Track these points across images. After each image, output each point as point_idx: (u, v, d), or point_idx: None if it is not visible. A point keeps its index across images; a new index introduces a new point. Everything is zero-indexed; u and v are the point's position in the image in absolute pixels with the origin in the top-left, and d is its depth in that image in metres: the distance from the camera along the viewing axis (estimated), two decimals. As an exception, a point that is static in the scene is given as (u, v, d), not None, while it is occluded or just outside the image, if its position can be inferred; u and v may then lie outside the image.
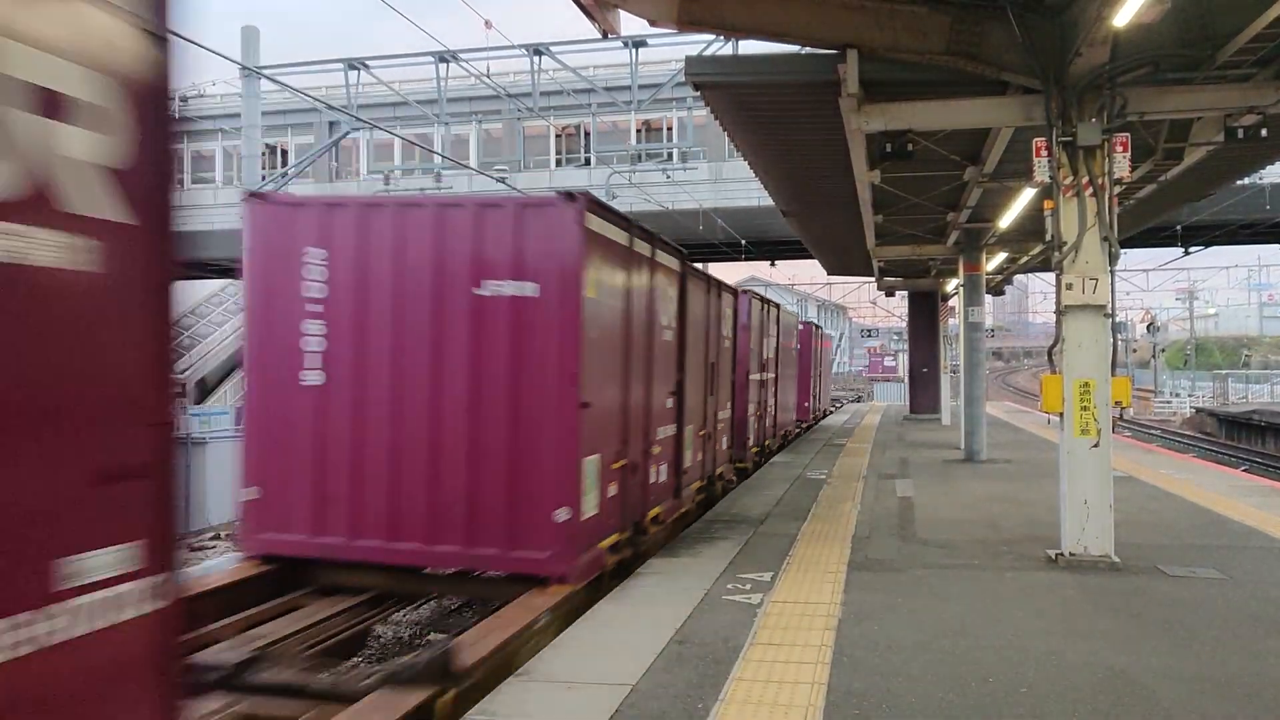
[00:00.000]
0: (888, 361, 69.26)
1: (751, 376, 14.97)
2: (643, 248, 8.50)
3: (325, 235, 7.03)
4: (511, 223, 6.83)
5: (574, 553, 6.74)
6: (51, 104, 1.72)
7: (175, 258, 2.04)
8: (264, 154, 26.05)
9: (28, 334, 1.70)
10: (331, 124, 31.98)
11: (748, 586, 7.23)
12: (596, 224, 7.16)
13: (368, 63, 22.97)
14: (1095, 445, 8.02)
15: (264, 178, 22.05)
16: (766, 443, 17.19)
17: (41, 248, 1.70)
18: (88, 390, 1.83)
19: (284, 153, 34.12)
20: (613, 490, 7.60)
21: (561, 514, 6.62)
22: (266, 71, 21.62)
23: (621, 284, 7.90)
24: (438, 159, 28.37)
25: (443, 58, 21.88)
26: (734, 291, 13.59)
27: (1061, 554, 8.09)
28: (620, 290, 7.86)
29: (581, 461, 6.85)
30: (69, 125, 1.75)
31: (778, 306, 17.70)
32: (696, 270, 10.96)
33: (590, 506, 7.06)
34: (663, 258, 9.16)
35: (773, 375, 17.66)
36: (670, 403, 9.44)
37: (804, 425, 24.83)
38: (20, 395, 1.68)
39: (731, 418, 13.41)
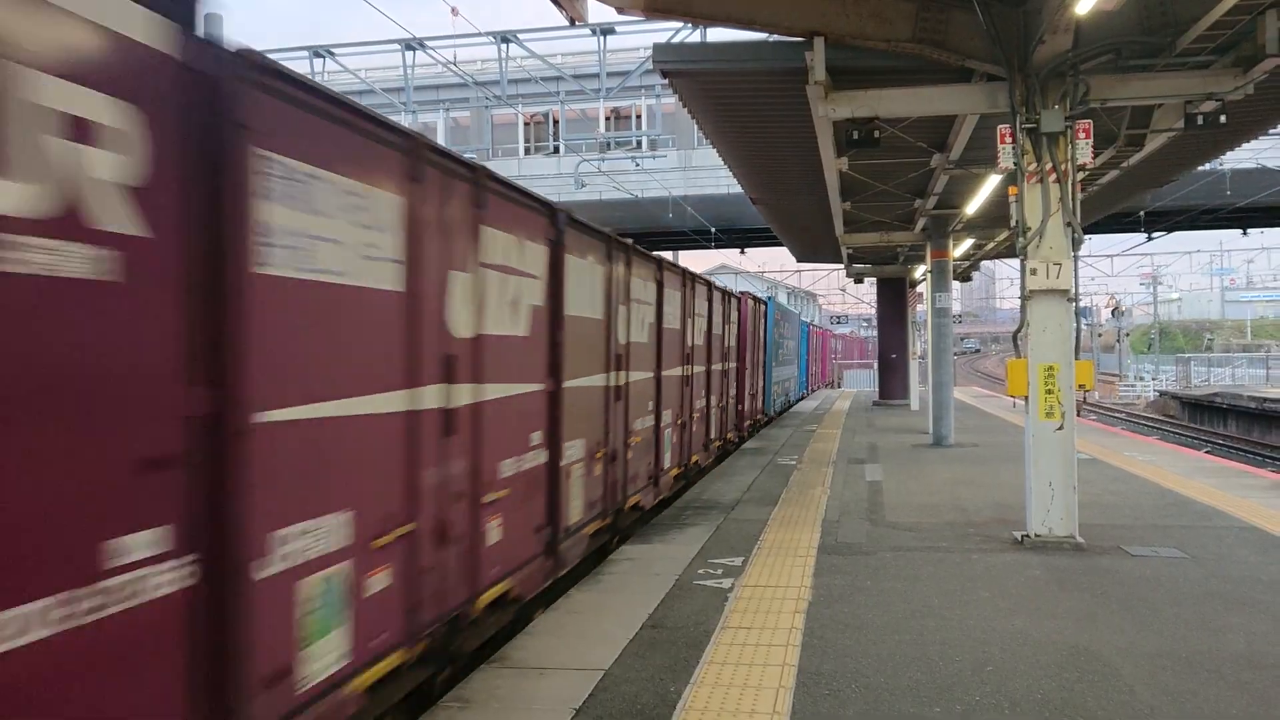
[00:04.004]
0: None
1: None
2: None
3: None
4: None
5: None
6: None
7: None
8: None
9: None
10: (297, 112, 31.67)
11: (719, 571, 7.28)
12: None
13: (334, 50, 22.74)
14: (1059, 428, 8.14)
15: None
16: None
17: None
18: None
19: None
20: None
21: None
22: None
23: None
24: (405, 147, 28.17)
25: (410, 45, 21.70)
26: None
27: (1027, 535, 8.21)
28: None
29: None
30: None
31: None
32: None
33: None
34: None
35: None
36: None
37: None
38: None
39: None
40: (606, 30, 21.14)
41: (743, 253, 37.83)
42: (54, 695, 2.47)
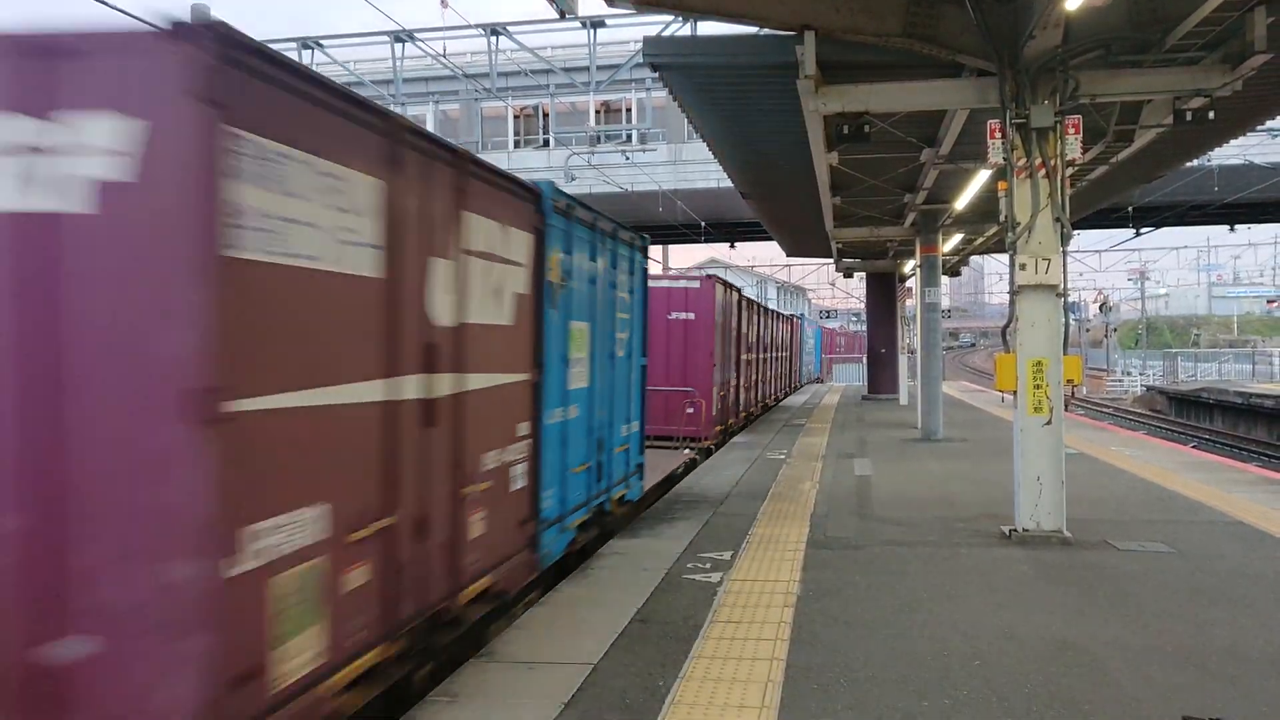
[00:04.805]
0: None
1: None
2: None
3: None
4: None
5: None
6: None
7: None
8: (216, 135, 25.52)
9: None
10: (286, 104, 31.47)
11: (708, 566, 7.29)
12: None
13: (322, 42, 22.61)
14: (1048, 423, 8.16)
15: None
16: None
17: None
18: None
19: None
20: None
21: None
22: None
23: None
24: (395, 140, 28.02)
25: (399, 37, 21.59)
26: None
27: (1015, 530, 8.23)
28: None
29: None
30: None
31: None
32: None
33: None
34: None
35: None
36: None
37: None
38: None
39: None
40: (597, 23, 21.06)
41: (732, 247, 37.86)
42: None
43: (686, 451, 14.13)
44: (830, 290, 67.67)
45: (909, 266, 25.51)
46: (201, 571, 3.09)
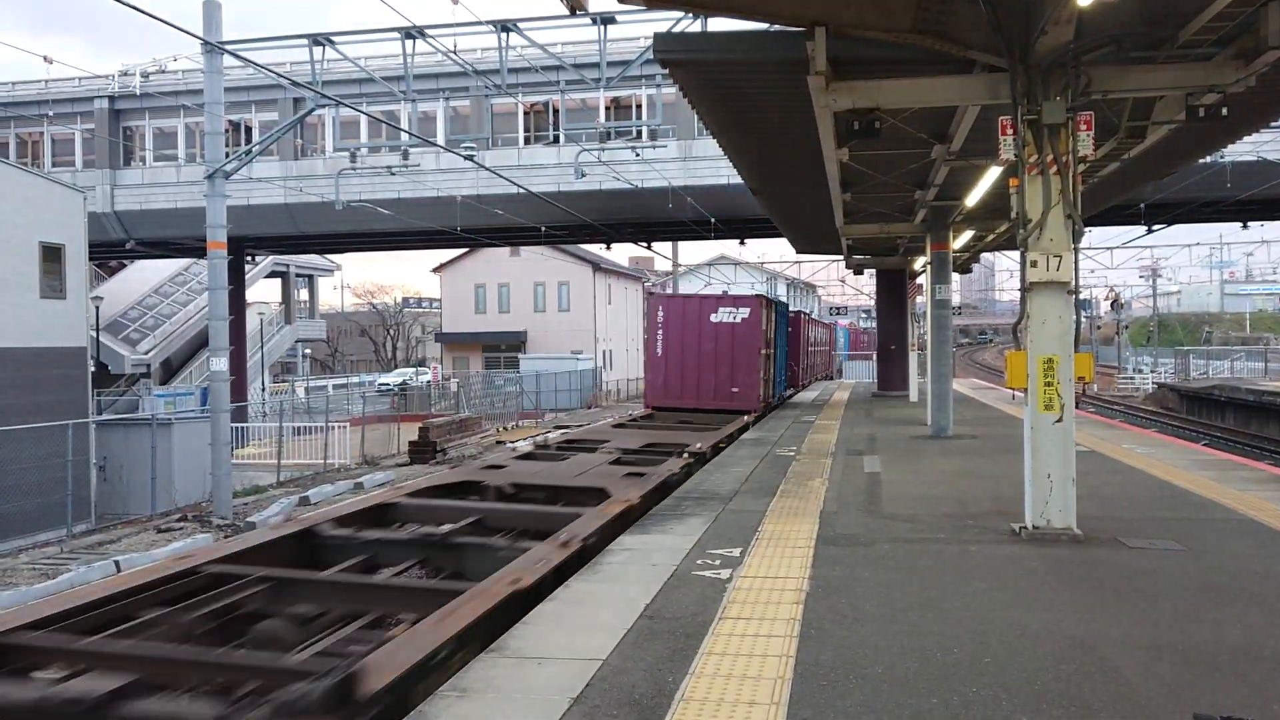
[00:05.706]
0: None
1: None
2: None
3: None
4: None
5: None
6: None
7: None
8: (227, 131, 25.62)
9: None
10: (296, 101, 31.58)
11: (717, 562, 7.29)
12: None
13: (333, 38, 22.62)
14: (1058, 420, 8.13)
15: (227, 155, 21.70)
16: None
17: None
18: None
19: (248, 130, 33.67)
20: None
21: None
22: (229, 47, 21.27)
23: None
24: (405, 136, 28.13)
25: (409, 34, 21.60)
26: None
27: (1025, 527, 8.21)
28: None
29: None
30: None
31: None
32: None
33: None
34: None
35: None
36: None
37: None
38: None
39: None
40: (607, 19, 20.98)
41: (742, 243, 37.86)
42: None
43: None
44: (840, 287, 67.59)
45: (919, 263, 25.46)
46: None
